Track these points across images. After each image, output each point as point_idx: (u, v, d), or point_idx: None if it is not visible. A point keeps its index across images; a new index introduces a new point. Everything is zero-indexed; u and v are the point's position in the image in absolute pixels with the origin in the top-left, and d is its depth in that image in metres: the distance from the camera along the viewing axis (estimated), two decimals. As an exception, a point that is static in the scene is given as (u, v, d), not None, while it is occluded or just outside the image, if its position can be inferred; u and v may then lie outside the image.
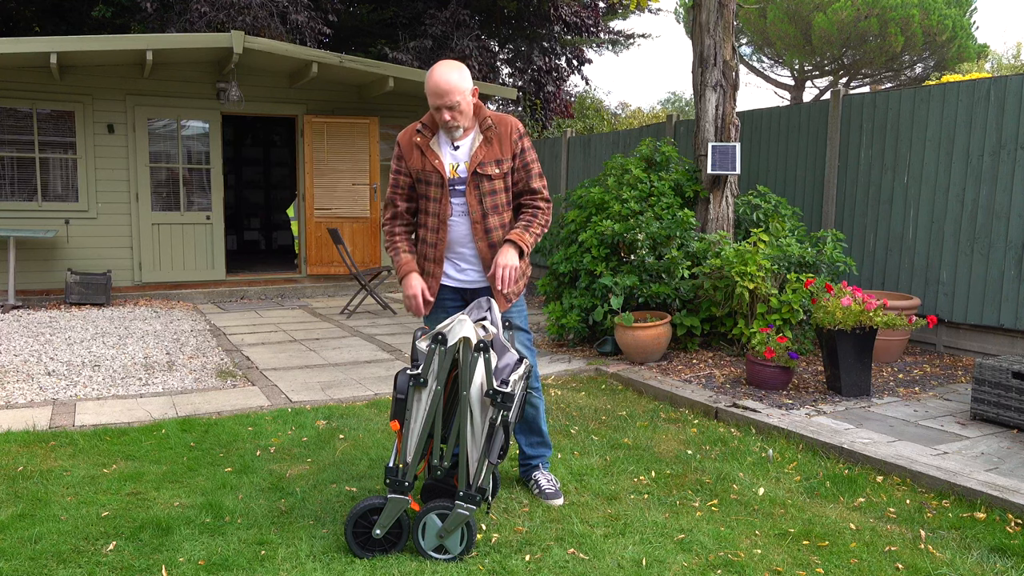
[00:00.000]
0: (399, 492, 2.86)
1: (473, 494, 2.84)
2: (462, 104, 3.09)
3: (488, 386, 2.82)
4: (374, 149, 10.51)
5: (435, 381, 2.83)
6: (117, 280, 9.42)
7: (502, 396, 2.82)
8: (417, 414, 2.87)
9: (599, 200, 6.71)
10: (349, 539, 2.88)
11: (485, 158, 3.18)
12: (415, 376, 2.83)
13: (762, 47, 22.07)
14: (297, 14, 11.71)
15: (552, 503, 3.42)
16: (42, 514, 3.22)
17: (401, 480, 2.86)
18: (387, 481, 2.86)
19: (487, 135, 3.19)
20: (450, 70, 3.08)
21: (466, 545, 2.90)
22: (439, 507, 2.88)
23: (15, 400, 4.95)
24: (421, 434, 2.87)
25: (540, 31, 15.10)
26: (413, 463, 2.88)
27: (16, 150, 9.05)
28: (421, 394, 2.86)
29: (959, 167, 6.15)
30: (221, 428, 4.43)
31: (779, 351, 5.08)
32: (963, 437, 4.22)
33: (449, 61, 3.15)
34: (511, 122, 3.26)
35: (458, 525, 2.85)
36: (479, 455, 2.87)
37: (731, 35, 6.61)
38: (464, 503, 2.84)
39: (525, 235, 3.19)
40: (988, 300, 5.97)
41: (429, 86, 3.08)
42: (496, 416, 2.84)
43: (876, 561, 2.93)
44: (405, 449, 2.89)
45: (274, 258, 13.55)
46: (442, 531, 2.86)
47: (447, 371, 2.84)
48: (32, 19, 14.26)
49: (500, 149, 3.20)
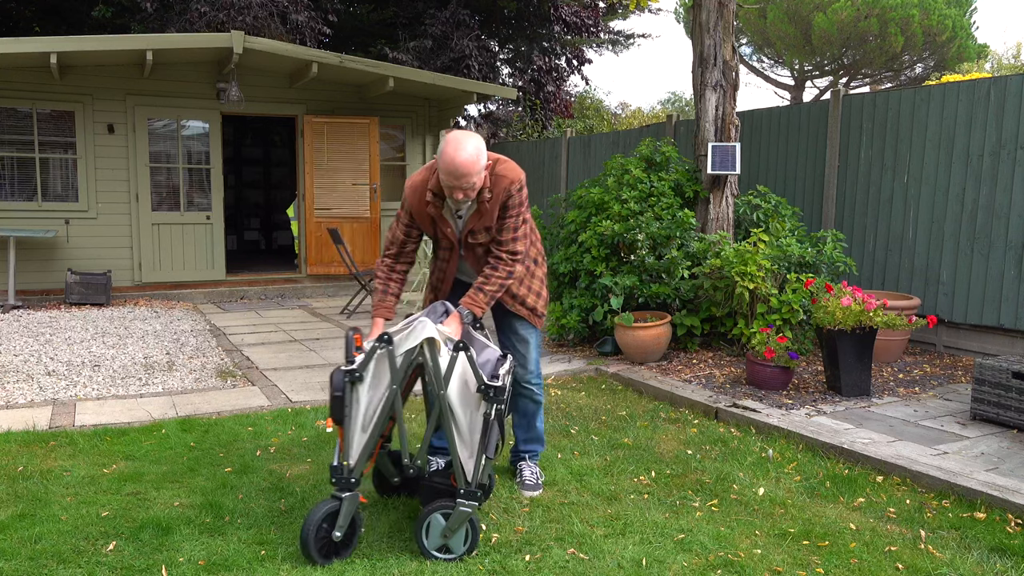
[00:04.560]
0: (348, 489, 2.84)
1: (474, 490, 2.84)
2: (477, 183, 3.02)
3: (479, 382, 2.82)
4: (374, 149, 10.51)
5: (393, 382, 2.82)
6: (117, 280, 9.42)
7: (494, 390, 2.82)
8: (357, 412, 2.86)
9: (599, 200, 6.71)
10: (311, 549, 2.78)
11: (475, 227, 3.20)
12: (351, 372, 2.83)
13: (762, 47, 22.08)
14: (297, 14, 11.71)
15: (528, 494, 3.48)
16: (42, 514, 3.23)
17: (348, 478, 2.84)
18: (333, 480, 2.84)
19: (481, 206, 3.16)
20: (468, 150, 2.94)
21: (470, 545, 2.90)
22: (443, 506, 2.88)
23: (15, 400, 4.95)
24: (372, 434, 2.85)
25: (540, 31, 15.10)
26: (360, 462, 2.86)
27: (16, 150, 9.06)
28: (359, 392, 2.84)
29: (959, 167, 6.15)
30: (221, 428, 4.43)
31: (779, 351, 5.08)
32: (963, 437, 4.22)
33: (464, 138, 2.98)
34: (505, 183, 3.14)
35: (462, 523, 2.85)
36: (470, 452, 2.87)
37: (731, 35, 6.61)
38: (466, 500, 2.83)
39: (479, 296, 3.18)
40: (988, 300, 5.97)
41: (445, 165, 2.94)
42: (489, 410, 2.84)
43: (876, 561, 2.93)
44: (347, 447, 2.87)
45: (274, 258, 13.55)
46: (446, 530, 2.86)
47: (405, 372, 2.83)
48: (32, 19, 14.26)
49: (492, 215, 3.17)
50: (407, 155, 11.28)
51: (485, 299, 3.17)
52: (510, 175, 3.15)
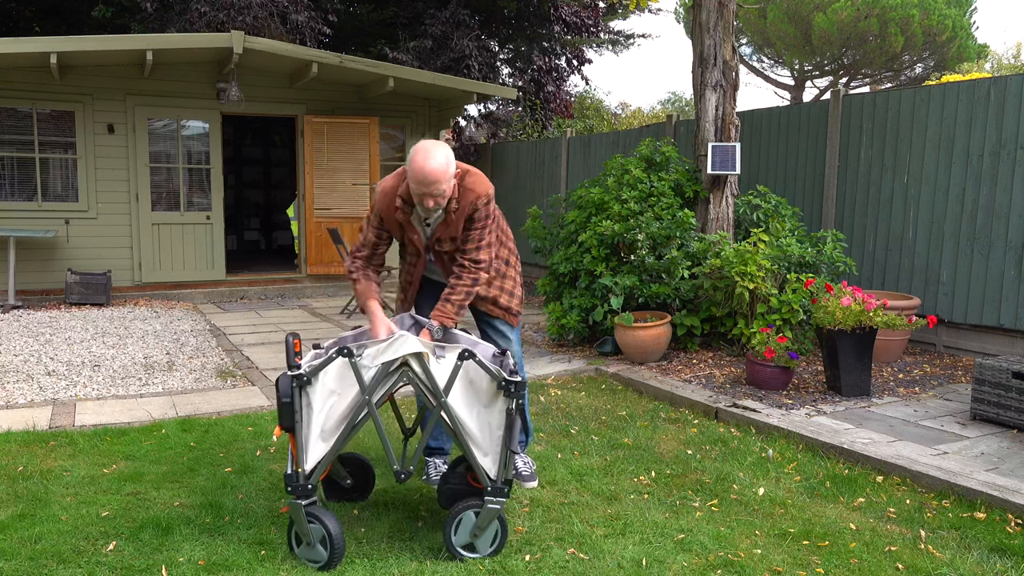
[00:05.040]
0: (306, 496, 2.81)
1: (500, 486, 2.85)
2: (447, 191, 3.06)
3: (498, 379, 2.83)
4: (374, 149, 10.51)
5: (364, 392, 2.80)
6: (117, 280, 9.42)
7: (515, 385, 2.83)
8: (310, 418, 2.83)
9: (599, 200, 6.71)
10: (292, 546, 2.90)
11: (442, 235, 3.26)
12: (297, 377, 2.80)
13: (762, 47, 22.08)
14: (297, 14, 11.71)
15: (528, 484, 3.52)
16: (42, 514, 3.23)
17: (304, 484, 2.82)
18: (288, 489, 2.81)
19: (448, 216, 3.20)
20: (437, 159, 2.98)
21: (497, 544, 2.91)
22: (474, 504, 2.88)
23: (15, 400, 4.95)
24: (334, 445, 2.81)
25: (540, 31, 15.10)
26: (317, 470, 2.82)
27: (16, 150, 9.05)
28: (310, 397, 2.82)
29: (959, 167, 6.15)
30: (221, 428, 4.43)
31: (779, 351, 5.08)
32: (963, 437, 4.22)
33: (434, 147, 3.03)
34: (472, 196, 3.18)
35: (491, 520, 2.86)
36: (484, 451, 2.87)
37: (731, 35, 6.61)
38: (494, 497, 2.84)
39: (446, 307, 3.22)
40: (988, 300, 5.97)
41: (415, 173, 2.99)
42: (512, 405, 2.84)
43: (876, 561, 2.94)
44: (300, 454, 2.83)
45: (274, 258, 13.55)
46: (475, 528, 2.87)
47: (378, 383, 2.81)
48: (32, 19, 14.25)
49: (457, 225, 3.22)
50: (407, 155, 11.27)
51: (453, 309, 3.22)
52: (478, 189, 3.18)
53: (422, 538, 3.06)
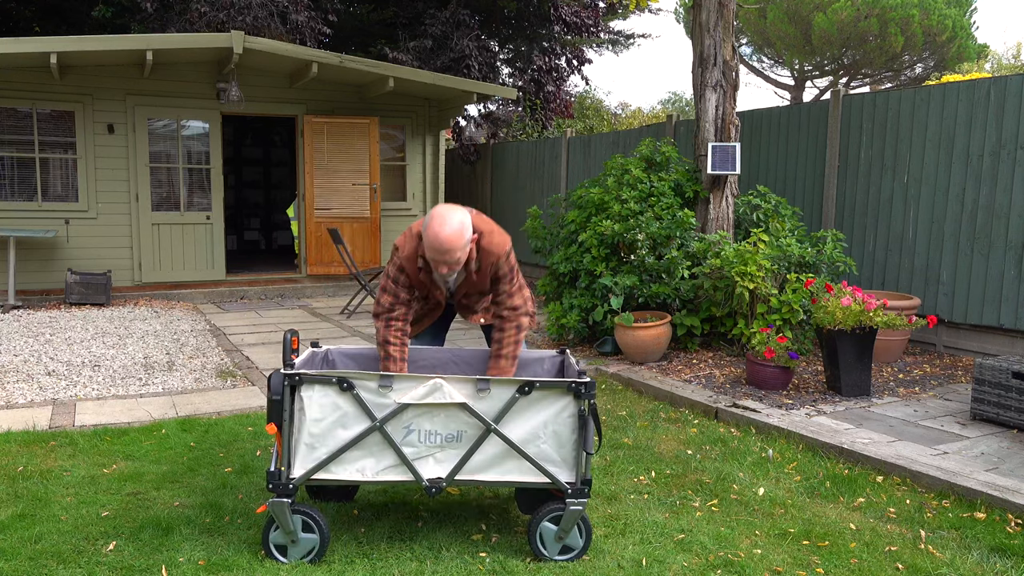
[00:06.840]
0: (287, 496, 2.80)
1: (580, 487, 2.87)
2: (461, 258, 3.04)
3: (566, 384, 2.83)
4: (374, 149, 10.51)
5: (376, 422, 2.80)
6: (117, 280, 9.42)
7: (584, 386, 2.84)
8: (301, 422, 2.81)
9: (599, 200, 6.71)
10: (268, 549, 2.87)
11: (468, 291, 3.30)
12: (290, 376, 2.79)
13: (762, 47, 22.08)
14: (297, 14, 11.70)
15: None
16: (42, 514, 3.23)
17: (286, 484, 2.80)
18: (270, 486, 2.80)
19: (469, 277, 3.22)
20: (452, 226, 2.95)
21: (587, 539, 2.93)
22: (550, 511, 2.90)
23: (15, 400, 4.95)
24: (324, 460, 2.80)
25: (540, 31, 15.09)
26: (302, 477, 2.81)
27: (16, 150, 9.05)
28: (302, 401, 2.80)
29: (959, 167, 6.15)
30: (221, 428, 4.43)
31: (779, 351, 5.08)
32: (963, 437, 4.22)
33: (449, 214, 2.99)
34: (492, 259, 3.18)
35: (574, 522, 2.87)
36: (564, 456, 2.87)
37: (731, 35, 6.61)
38: (575, 499, 2.86)
39: (500, 362, 3.20)
40: (988, 300, 5.97)
41: (429, 240, 2.96)
42: (584, 407, 2.85)
43: (876, 561, 2.94)
44: (286, 454, 2.81)
45: (274, 258, 13.54)
46: (560, 532, 2.89)
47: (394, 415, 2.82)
48: (32, 19, 14.25)
49: (482, 283, 3.24)
50: (407, 155, 11.28)
51: (508, 363, 3.21)
52: (496, 251, 3.17)
53: (422, 538, 3.06)
